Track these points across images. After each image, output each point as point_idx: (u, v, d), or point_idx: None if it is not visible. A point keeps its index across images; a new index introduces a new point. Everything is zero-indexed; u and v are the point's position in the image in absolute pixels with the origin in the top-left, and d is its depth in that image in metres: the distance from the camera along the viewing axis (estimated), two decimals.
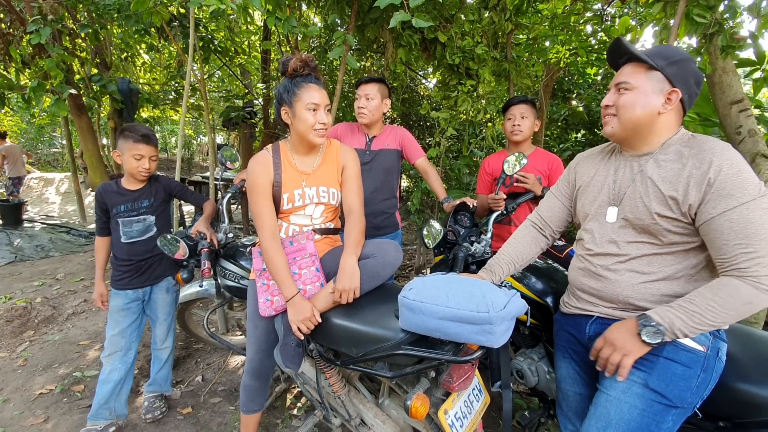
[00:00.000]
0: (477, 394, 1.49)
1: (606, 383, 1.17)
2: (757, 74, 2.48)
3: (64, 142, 7.21)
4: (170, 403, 2.34)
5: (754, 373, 1.16)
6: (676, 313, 1.02)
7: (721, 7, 2.10)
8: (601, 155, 1.35)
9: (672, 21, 2.13)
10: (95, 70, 4.60)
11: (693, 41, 2.30)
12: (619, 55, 1.21)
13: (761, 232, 0.97)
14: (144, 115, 7.89)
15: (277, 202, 1.58)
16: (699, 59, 2.22)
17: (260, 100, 5.74)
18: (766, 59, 2.46)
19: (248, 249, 2.06)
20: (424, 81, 6.36)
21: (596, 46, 4.17)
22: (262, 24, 5.60)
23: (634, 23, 3.55)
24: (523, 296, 1.64)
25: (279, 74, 1.74)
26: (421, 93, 6.34)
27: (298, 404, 2.34)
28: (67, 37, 4.14)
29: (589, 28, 4.12)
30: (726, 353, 1.15)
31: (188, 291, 2.42)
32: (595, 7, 3.91)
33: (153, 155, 2.07)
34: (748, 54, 2.41)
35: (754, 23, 2.30)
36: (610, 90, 1.21)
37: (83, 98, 4.31)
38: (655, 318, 1.03)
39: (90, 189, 6.23)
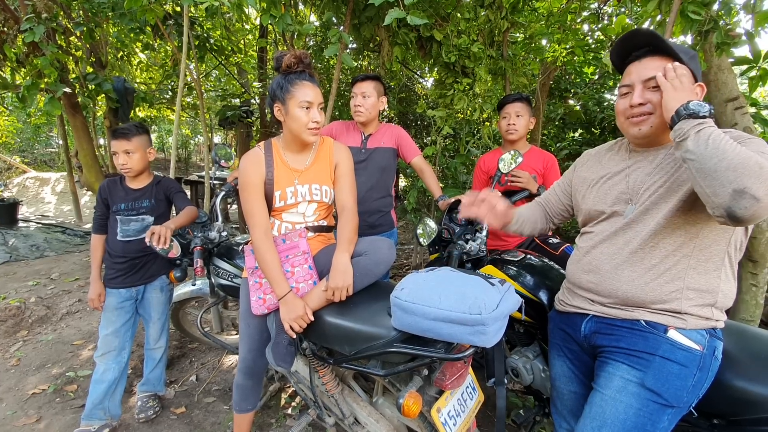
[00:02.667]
0: (471, 393, 1.48)
1: (601, 382, 1.16)
2: (753, 72, 2.48)
3: (61, 141, 7.19)
4: (164, 402, 2.33)
5: (749, 370, 1.15)
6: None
7: (716, 5, 2.10)
8: (609, 153, 1.32)
9: (667, 18, 2.13)
10: (90, 69, 4.58)
11: (688, 38, 2.30)
12: (635, 47, 1.15)
13: None
14: (141, 114, 7.86)
15: (269, 199, 1.57)
16: None
17: (257, 99, 5.72)
18: (761, 57, 2.46)
19: (241, 247, 2.04)
20: (421, 80, 6.36)
21: (593, 45, 4.17)
22: (258, 22, 5.59)
23: (630, 22, 3.55)
24: (518, 294, 1.63)
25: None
26: (419, 92, 6.33)
27: (293, 403, 2.32)
28: (62, 36, 4.12)
29: (585, 27, 4.12)
30: (722, 352, 1.14)
31: (182, 290, 2.40)
32: (593, 6, 3.91)
33: (125, 149, 2.00)
34: (744, 52, 2.41)
35: (751, 22, 2.29)
36: (635, 87, 1.13)
37: (78, 97, 4.28)
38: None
39: (85, 188, 6.21)
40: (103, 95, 4.37)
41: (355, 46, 4.50)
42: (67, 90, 3.77)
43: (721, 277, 1.10)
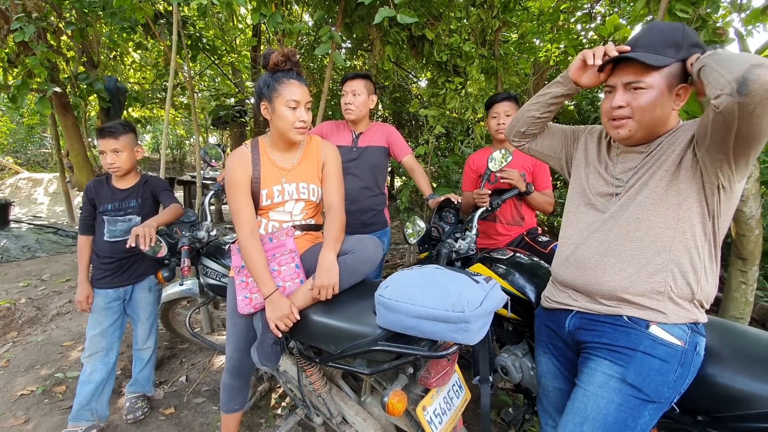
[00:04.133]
0: (457, 391, 1.48)
1: (583, 378, 1.15)
2: None
3: (54, 142, 7.14)
4: (153, 403, 2.31)
5: (732, 366, 1.15)
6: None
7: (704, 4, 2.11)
8: (604, 142, 1.32)
9: (656, 17, 2.14)
10: (82, 68, 4.55)
11: None
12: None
13: None
14: (134, 114, 7.82)
15: (256, 198, 1.56)
16: None
17: (251, 98, 5.71)
18: None
19: (228, 246, 2.03)
20: (415, 80, 6.37)
21: (586, 45, 4.19)
22: (251, 22, 5.57)
23: (623, 22, 3.56)
24: (507, 292, 1.63)
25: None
26: (413, 92, 6.34)
27: (283, 404, 2.31)
28: (53, 35, 4.10)
29: (578, 27, 4.13)
30: (704, 347, 1.15)
31: (171, 290, 2.39)
32: (585, 6, 3.92)
33: (114, 148, 1.97)
34: (734, 51, 2.42)
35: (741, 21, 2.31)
36: (617, 88, 1.13)
37: (69, 97, 4.25)
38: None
39: (77, 189, 6.17)
40: (95, 95, 4.34)
41: (349, 45, 4.50)
42: (58, 90, 3.75)
43: (703, 256, 1.10)
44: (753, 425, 1.07)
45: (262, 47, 5.43)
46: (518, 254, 1.87)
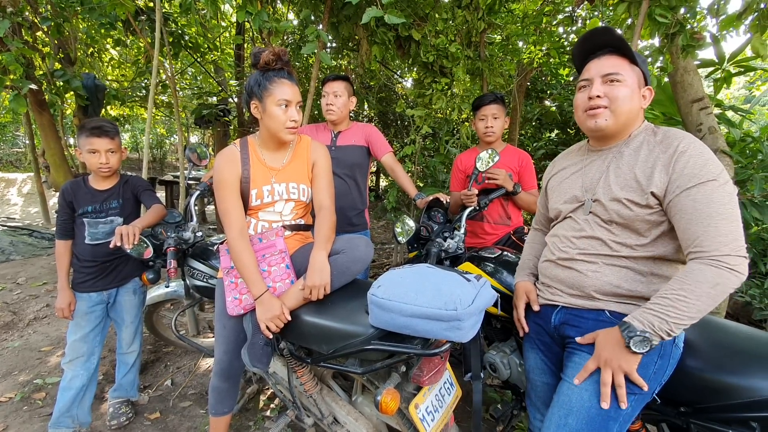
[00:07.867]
0: (448, 388, 1.49)
1: (568, 372, 1.18)
2: (718, 74, 2.59)
3: (28, 141, 6.90)
4: (138, 408, 2.26)
5: (711, 359, 1.19)
6: (653, 312, 1.01)
7: (682, 9, 2.18)
8: (573, 154, 1.39)
9: (636, 21, 2.20)
10: (58, 65, 4.42)
11: (655, 41, 2.38)
12: (600, 44, 1.20)
13: (723, 211, 0.99)
14: (113, 113, 7.62)
15: (245, 198, 1.55)
16: (661, 58, 2.30)
17: (234, 97, 5.63)
18: (725, 60, 2.57)
19: (216, 247, 2.00)
20: (401, 80, 6.38)
21: (568, 48, 4.27)
22: (235, 20, 5.50)
23: (603, 25, 3.64)
24: (495, 290, 1.65)
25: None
26: (398, 92, 6.35)
27: (272, 405, 2.29)
28: (28, 31, 3.96)
29: (560, 30, 4.21)
30: (684, 341, 1.19)
31: (156, 293, 2.34)
32: (567, 9, 4.00)
33: (109, 148, 1.93)
34: (710, 55, 2.51)
35: (716, 26, 2.39)
36: (593, 81, 1.18)
37: (45, 95, 4.12)
38: (637, 325, 1.01)
39: (53, 189, 5.98)
40: (72, 92, 4.22)
41: (334, 44, 4.48)
42: (33, 87, 3.63)
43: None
44: (734, 415, 1.12)
45: (246, 46, 5.36)
46: (506, 253, 1.90)
